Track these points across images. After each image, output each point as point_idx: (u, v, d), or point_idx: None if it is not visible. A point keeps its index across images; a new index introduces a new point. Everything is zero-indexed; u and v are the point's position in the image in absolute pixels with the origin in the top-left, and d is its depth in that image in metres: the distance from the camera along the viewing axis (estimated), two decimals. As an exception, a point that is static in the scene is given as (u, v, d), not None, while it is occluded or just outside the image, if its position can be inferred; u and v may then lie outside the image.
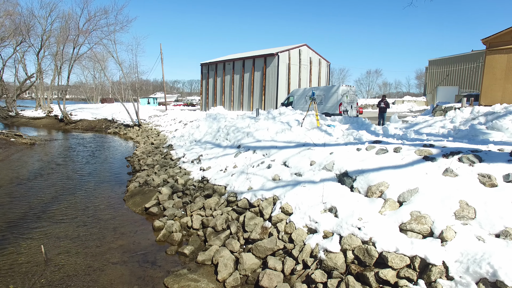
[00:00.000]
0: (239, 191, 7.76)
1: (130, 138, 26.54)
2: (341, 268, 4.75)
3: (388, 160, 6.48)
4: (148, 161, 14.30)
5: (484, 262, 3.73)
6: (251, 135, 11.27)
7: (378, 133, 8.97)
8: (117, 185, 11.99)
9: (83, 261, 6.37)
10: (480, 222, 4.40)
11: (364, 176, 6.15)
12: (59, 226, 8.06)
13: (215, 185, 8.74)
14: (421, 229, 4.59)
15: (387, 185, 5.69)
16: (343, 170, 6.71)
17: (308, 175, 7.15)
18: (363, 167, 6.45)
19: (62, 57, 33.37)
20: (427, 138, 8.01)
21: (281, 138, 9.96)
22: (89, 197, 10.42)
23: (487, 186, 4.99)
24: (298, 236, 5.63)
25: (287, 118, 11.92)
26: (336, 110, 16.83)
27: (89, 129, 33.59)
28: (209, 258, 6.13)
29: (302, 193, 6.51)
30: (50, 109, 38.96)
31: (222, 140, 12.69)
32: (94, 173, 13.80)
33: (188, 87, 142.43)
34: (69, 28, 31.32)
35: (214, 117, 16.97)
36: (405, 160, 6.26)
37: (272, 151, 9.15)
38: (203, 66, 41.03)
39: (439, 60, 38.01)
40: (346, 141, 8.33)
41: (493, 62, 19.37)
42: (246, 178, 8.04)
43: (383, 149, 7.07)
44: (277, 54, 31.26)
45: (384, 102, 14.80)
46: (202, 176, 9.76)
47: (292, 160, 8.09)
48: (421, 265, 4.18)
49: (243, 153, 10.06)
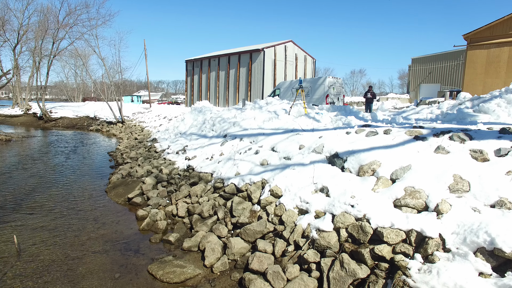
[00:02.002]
0: (226, 177, 7.49)
1: (113, 135, 25.81)
2: (334, 246, 4.57)
3: (379, 141, 6.35)
4: (132, 154, 13.84)
5: (481, 232, 3.61)
6: (237, 125, 11.01)
7: (366, 118, 8.87)
8: (99, 178, 11.52)
9: (60, 251, 5.97)
10: (475, 194, 4.30)
11: (355, 157, 6.00)
12: (35, 217, 7.59)
13: (201, 173, 8.44)
14: (416, 204, 4.46)
15: (379, 163, 5.55)
16: (333, 152, 6.55)
17: (297, 158, 6.95)
18: (353, 148, 6.30)
19: (40, 53, 32.10)
20: (416, 123, 7.96)
21: (268, 126, 9.74)
22: (68, 190, 9.93)
23: (479, 160, 4.91)
24: (288, 218, 5.42)
25: (274, 108, 11.72)
26: (323, 102, 16.69)
27: (70, 126, 32.52)
28: (195, 244, 5.86)
29: (291, 176, 6.30)
30: (28, 107, 37.48)
31: (208, 131, 12.38)
32: (74, 167, 13.24)
33: (173, 87, 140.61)
34: (48, 22, 30.17)
35: (200, 109, 16.61)
36: (396, 140, 6.15)
37: (259, 138, 8.92)
38: (188, 62, 40.46)
39: (422, 58, 38.74)
40: (335, 126, 8.20)
41: (473, 57, 19.77)
42: (233, 164, 7.78)
43: (373, 132, 6.95)
44: (262, 50, 31.09)
45: (371, 93, 14.78)
46: (187, 165, 9.43)
47: (280, 145, 7.88)
48: (417, 239, 4.04)
49: (229, 141, 9.80)
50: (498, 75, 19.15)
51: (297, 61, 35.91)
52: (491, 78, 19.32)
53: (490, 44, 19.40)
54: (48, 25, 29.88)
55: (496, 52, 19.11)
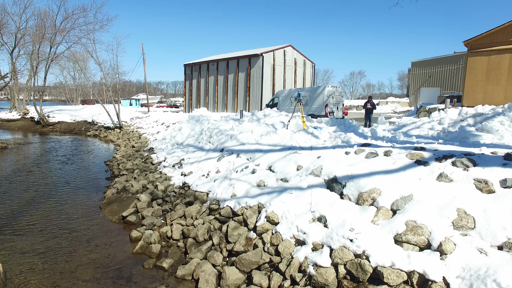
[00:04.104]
0: (222, 198, 7.29)
1: (110, 140, 25.63)
2: (332, 284, 4.36)
3: (379, 164, 6.16)
4: (128, 165, 13.64)
5: (489, 279, 3.40)
6: (234, 138, 10.81)
7: (366, 135, 8.68)
8: (94, 192, 11.32)
9: (48, 280, 5.75)
10: (480, 233, 4.09)
11: (355, 182, 5.80)
12: (25, 239, 7.37)
13: (196, 192, 8.23)
14: (418, 241, 4.26)
15: (379, 191, 5.35)
16: (331, 175, 6.35)
17: (295, 181, 6.75)
18: (353, 172, 6.10)
19: (38, 57, 31.89)
20: (417, 141, 7.76)
21: (266, 141, 9.54)
22: (62, 206, 9.71)
23: (484, 192, 4.71)
24: (285, 249, 5.21)
25: (272, 120, 11.52)
26: (322, 111, 16.54)
27: (68, 131, 32.35)
28: (189, 272, 5.65)
29: (289, 201, 6.10)
30: (25, 111, 37.28)
31: (204, 143, 12.17)
32: (70, 179, 13.03)
33: (172, 88, 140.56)
34: (45, 26, 29.96)
35: (197, 119, 16.40)
36: (397, 164, 5.95)
37: (256, 155, 8.72)
38: (186, 66, 40.28)
39: (422, 61, 38.61)
40: (334, 144, 8.00)
41: (474, 64, 19.59)
42: (229, 184, 7.57)
43: (372, 153, 6.75)
44: (261, 55, 30.92)
45: (371, 103, 14.61)
46: (183, 182, 9.23)
47: (277, 165, 7.68)
48: (420, 281, 3.84)
49: (226, 157, 9.59)
50: (499, 82, 18.96)
51: (296, 65, 35.75)
52: (492, 85, 19.14)
53: (490, 51, 19.21)
54: (45, 29, 29.67)
55: (497, 59, 18.93)
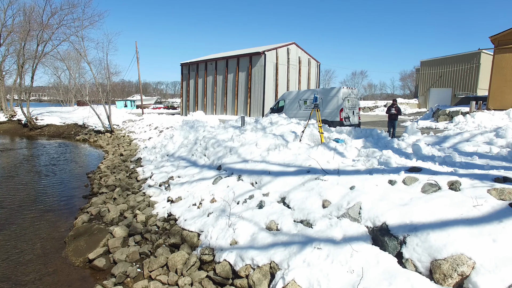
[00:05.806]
0: (218, 246, 5.23)
1: (100, 146, 23.63)
2: None
3: (448, 205, 4.14)
4: (110, 180, 11.66)
5: None
6: (235, 152, 8.77)
7: (407, 152, 6.67)
8: (65, 216, 9.31)
9: None
10: None
11: (420, 238, 3.77)
12: None
13: (184, 230, 6.18)
14: None
15: (469, 261, 3.32)
16: (378, 221, 4.32)
17: (322, 226, 4.71)
18: (412, 219, 4.07)
19: (23, 55, 29.81)
20: (487, 164, 5.73)
21: (275, 159, 7.51)
22: (17, 240, 7.71)
23: None
24: None
25: (280, 130, 9.46)
26: (337, 117, 14.30)
27: (57, 135, 30.35)
28: None
29: (315, 261, 4.07)
30: (13, 113, 35.19)
31: (199, 156, 10.13)
32: (41, 197, 11.03)
33: (172, 88, 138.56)
34: (31, 22, 27.83)
35: (192, 125, 14.35)
36: (481, 209, 3.92)
37: (264, 178, 6.69)
38: (183, 66, 38.20)
39: (432, 60, 36.52)
40: (369, 167, 5.96)
41: (502, 61, 17.51)
42: (228, 224, 5.53)
43: (432, 184, 4.73)
44: (263, 53, 28.85)
45: (396, 108, 12.46)
46: (169, 213, 7.19)
47: (294, 197, 5.64)
48: None
49: (224, 178, 7.56)
50: (531, 81, 16.91)
51: (300, 64, 33.68)
52: (524, 85, 17.08)
53: (522, 46, 17.11)
54: (30, 25, 27.53)
55: (530, 56, 16.85)
